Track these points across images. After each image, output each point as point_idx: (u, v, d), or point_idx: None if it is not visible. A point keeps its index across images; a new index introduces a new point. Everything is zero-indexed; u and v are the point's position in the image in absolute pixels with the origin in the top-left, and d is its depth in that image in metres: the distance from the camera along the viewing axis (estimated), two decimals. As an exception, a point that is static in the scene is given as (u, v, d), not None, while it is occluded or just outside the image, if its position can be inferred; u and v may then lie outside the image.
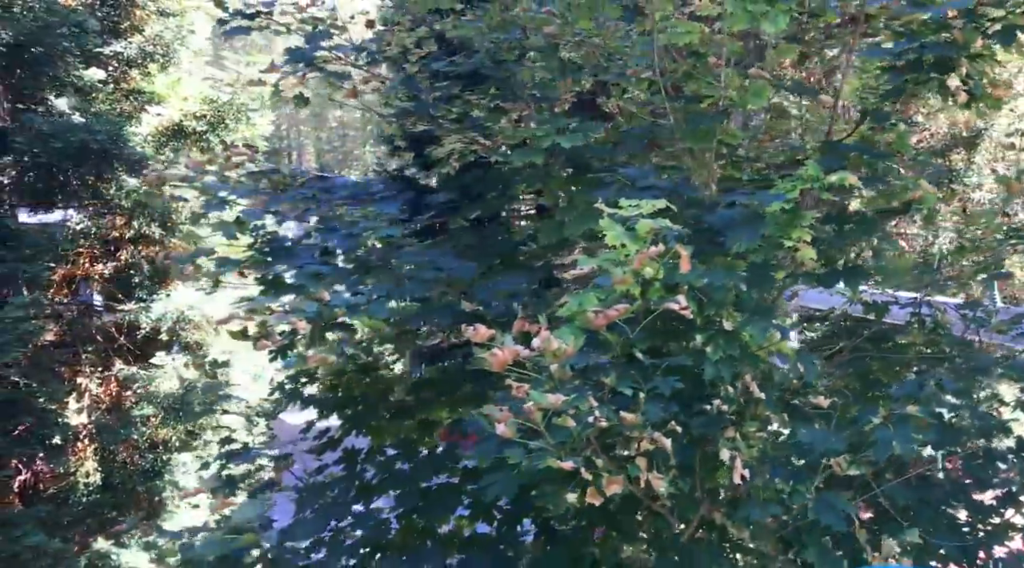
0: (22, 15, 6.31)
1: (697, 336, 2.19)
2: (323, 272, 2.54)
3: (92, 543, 7.27)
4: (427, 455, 2.94)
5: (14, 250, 6.54)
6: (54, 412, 7.12)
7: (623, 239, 2.04)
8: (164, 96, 7.68)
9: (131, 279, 7.63)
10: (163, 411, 7.46)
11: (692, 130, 2.54)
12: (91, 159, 6.60)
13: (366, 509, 2.97)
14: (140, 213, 7.34)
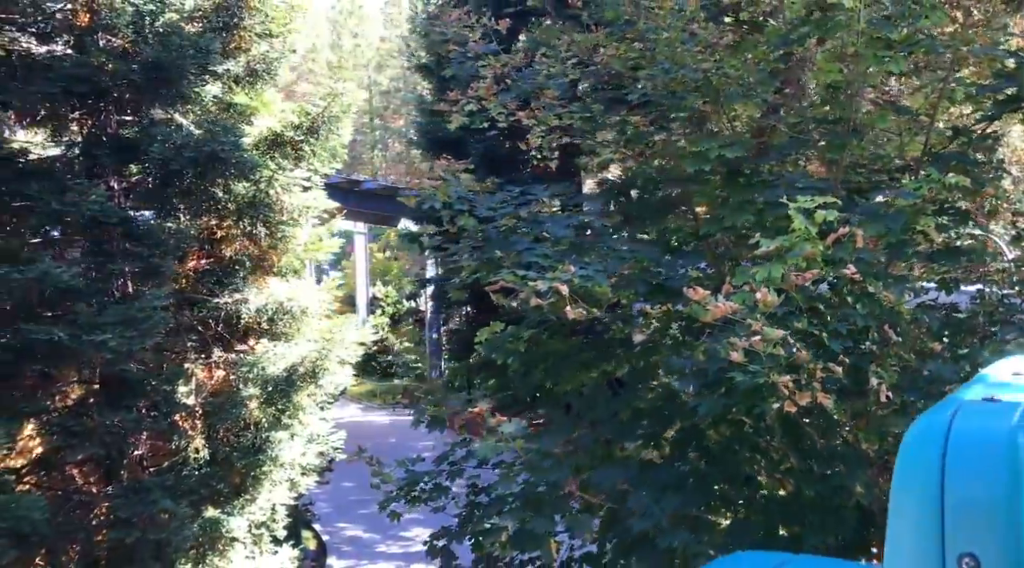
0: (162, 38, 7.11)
1: (848, 297, 3.03)
2: (548, 253, 3.36)
3: (204, 511, 8.05)
4: (606, 398, 3.77)
5: (149, 247, 7.35)
6: (168, 393, 7.92)
7: (804, 224, 2.88)
8: (266, 108, 8.49)
9: (234, 273, 8.42)
10: (265, 393, 8.25)
11: (830, 144, 3.38)
12: (216, 167, 7.40)
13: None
14: (247, 214, 8.14)
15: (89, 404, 7.23)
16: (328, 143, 8.65)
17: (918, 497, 0.95)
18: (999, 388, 1.10)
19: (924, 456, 0.96)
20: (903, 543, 0.98)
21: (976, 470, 0.92)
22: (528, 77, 4.08)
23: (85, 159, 7.61)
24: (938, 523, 0.92)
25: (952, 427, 0.96)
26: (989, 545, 0.90)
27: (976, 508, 0.91)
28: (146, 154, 7.63)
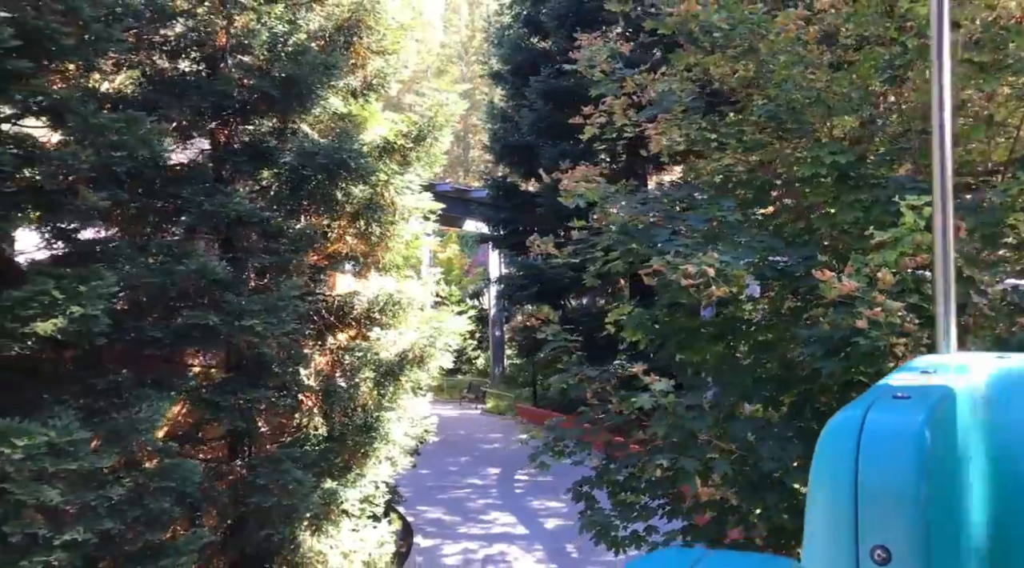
0: (294, 57, 7.98)
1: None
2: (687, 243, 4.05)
3: (323, 483, 8.90)
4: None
5: (282, 244, 8.22)
6: (294, 374, 8.79)
7: (914, 217, 3.53)
8: (373, 118, 9.33)
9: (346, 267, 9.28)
10: (378, 376, 9.08)
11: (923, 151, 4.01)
12: (341, 172, 8.25)
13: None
14: (362, 215, 8.98)
15: (231, 382, 8.11)
16: (432, 150, 9.46)
17: (833, 490, 0.97)
18: (910, 385, 1.16)
19: (838, 450, 0.98)
20: (819, 535, 1.00)
21: (887, 463, 0.95)
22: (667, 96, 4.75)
23: (225, 165, 8.53)
24: (852, 515, 0.94)
25: (865, 422, 0.99)
26: (900, 536, 0.92)
27: (887, 500, 0.94)
28: (275, 160, 8.53)
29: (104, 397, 7.12)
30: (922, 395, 1.08)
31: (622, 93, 5.03)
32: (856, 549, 0.94)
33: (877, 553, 0.93)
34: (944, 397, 1.11)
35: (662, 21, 4.49)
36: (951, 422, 1.10)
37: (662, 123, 4.98)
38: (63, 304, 6.29)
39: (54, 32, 6.55)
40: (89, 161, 6.59)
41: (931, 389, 1.15)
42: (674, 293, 4.12)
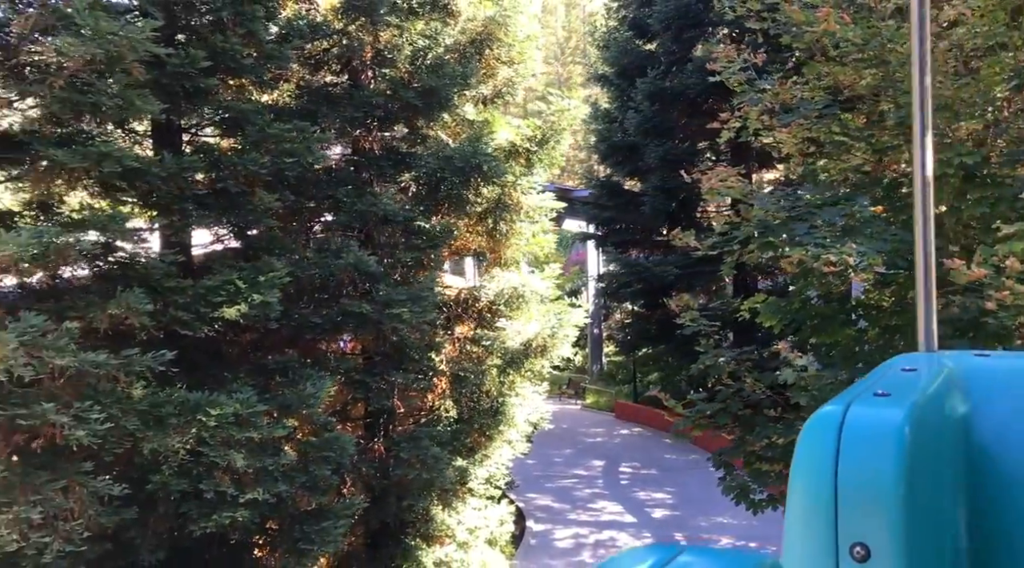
0: (434, 69, 8.73)
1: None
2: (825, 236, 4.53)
3: (454, 460, 9.64)
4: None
5: (422, 241, 9.00)
6: (430, 360, 9.56)
7: (1042, 213, 3.92)
8: (496, 123, 10.01)
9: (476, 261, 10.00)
10: (504, 363, 9.77)
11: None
12: (474, 174, 8.96)
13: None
14: (491, 214, 9.68)
15: (377, 365, 8.94)
16: (553, 152, 10.09)
17: (812, 486, 0.97)
18: (891, 384, 1.16)
19: (818, 446, 0.98)
20: (799, 531, 1.01)
21: (867, 460, 0.95)
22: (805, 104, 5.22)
23: (368, 168, 9.37)
24: (832, 512, 0.94)
25: (845, 419, 0.99)
26: (879, 534, 0.92)
27: (867, 497, 0.94)
28: (414, 164, 9.32)
29: (274, 375, 8.04)
30: (903, 393, 1.09)
31: (759, 101, 5.50)
32: (835, 546, 0.94)
33: (856, 550, 0.93)
34: (925, 395, 1.12)
35: (800, 37, 4.96)
36: (931, 420, 1.10)
37: (795, 127, 5.44)
38: (245, 292, 7.19)
39: (236, 53, 7.49)
40: (265, 166, 7.49)
41: (912, 387, 1.16)
42: (814, 281, 4.59)
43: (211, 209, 7.53)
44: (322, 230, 9.58)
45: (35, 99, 6.43)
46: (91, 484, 6.17)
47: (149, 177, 6.72)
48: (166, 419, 6.56)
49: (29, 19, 5.92)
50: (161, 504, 7.08)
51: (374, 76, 9.43)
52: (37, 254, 5.87)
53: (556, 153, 10.24)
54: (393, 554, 9.66)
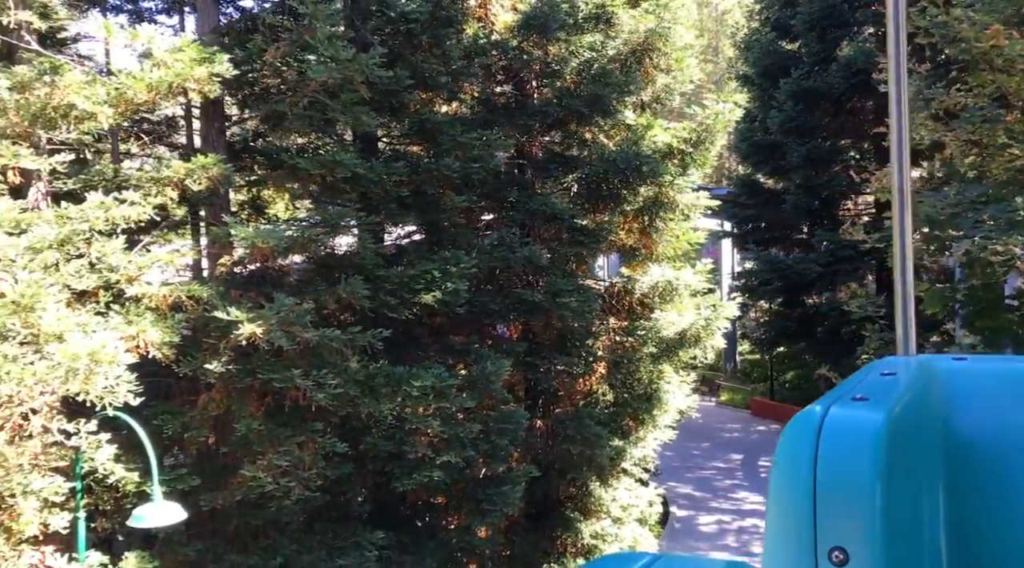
0: (599, 78, 9.52)
1: None
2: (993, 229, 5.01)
3: (611, 440, 10.38)
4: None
5: (585, 237, 9.80)
6: (590, 347, 10.36)
7: None
8: (651, 126, 10.68)
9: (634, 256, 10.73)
10: (659, 351, 10.45)
11: None
12: (633, 175, 9.69)
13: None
14: (647, 212, 10.38)
15: (544, 349, 9.83)
16: (707, 153, 10.68)
17: (791, 490, 0.98)
18: (870, 387, 1.15)
19: (797, 451, 0.98)
20: (778, 536, 1.01)
21: (845, 464, 0.95)
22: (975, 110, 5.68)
23: (534, 170, 10.27)
24: (810, 516, 0.94)
25: (824, 423, 0.99)
26: (858, 538, 0.93)
27: (845, 502, 0.94)
28: (576, 165, 10.15)
29: (457, 355, 9.05)
30: (881, 397, 1.09)
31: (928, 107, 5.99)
32: (814, 550, 0.94)
33: (835, 555, 0.93)
34: (903, 399, 1.12)
35: (968, 51, 5.44)
36: (910, 423, 1.10)
37: (960, 131, 5.90)
38: (440, 281, 8.20)
39: (432, 71, 8.53)
40: (456, 171, 8.48)
41: (890, 391, 1.16)
42: (977, 270, 5.09)
43: (409, 208, 8.61)
44: (485, 227, 10.55)
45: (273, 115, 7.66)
46: (320, 441, 7.31)
47: (364, 181, 7.83)
48: (378, 388, 7.63)
49: (280, 49, 7.11)
50: (370, 462, 8.20)
51: (539, 86, 10.31)
52: (289, 246, 7.07)
53: (709, 154, 10.81)
54: (553, 524, 10.53)
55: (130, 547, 6.91)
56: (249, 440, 6.96)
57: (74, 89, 6.16)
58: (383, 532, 7.96)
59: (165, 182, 6.98)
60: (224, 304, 6.68)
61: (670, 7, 10.10)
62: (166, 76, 6.59)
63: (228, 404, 7.01)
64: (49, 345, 5.29)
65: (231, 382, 6.91)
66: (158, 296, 6.74)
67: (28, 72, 6.19)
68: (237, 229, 6.76)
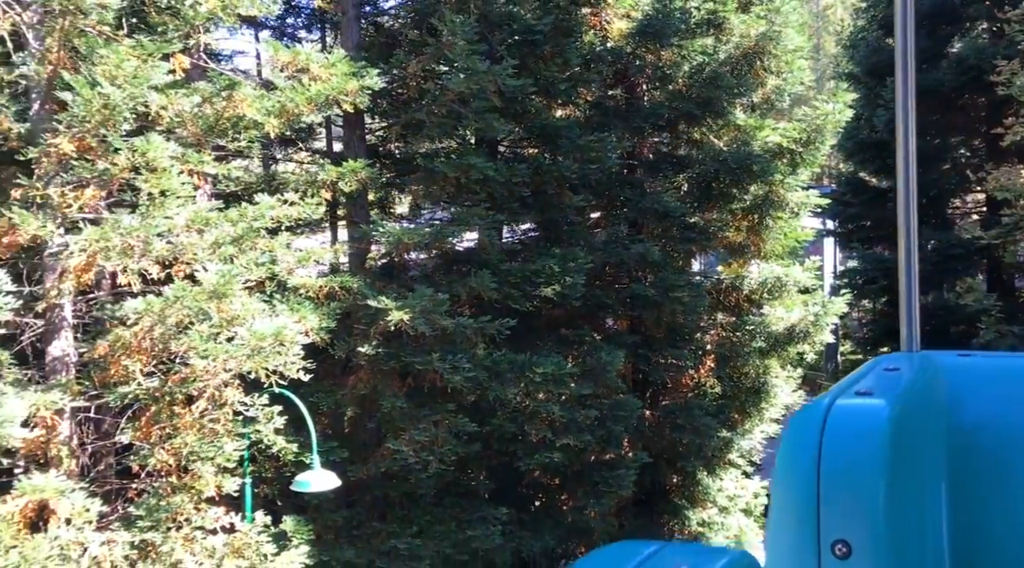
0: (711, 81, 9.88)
1: None
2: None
3: (719, 431, 10.71)
4: None
5: (695, 234, 10.18)
6: (699, 341, 10.73)
7: None
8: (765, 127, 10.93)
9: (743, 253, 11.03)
10: (768, 346, 10.72)
11: None
12: (743, 174, 10.01)
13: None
14: (756, 210, 10.67)
15: (656, 342, 10.26)
16: (816, 153, 10.88)
17: (795, 484, 0.98)
18: (874, 382, 1.15)
19: (802, 444, 0.99)
20: (781, 528, 1.02)
21: (849, 458, 0.96)
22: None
23: (648, 170, 10.71)
24: (814, 509, 0.95)
25: (828, 417, 1.00)
26: (861, 531, 0.94)
27: (849, 495, 0.95)
28: (687, 165, 10.53)
29: (572, 345, 9.58)
30: (885, 391, 1.08)
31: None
32: (817, 543, 0.94)
33: (838, 548, 0.93)
34: (906, 393, 1.11)
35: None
36: (913, 418, 1.09)
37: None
38: (558, 275, 8.74)
39: (554, 79, 9.09)
40: (574, 172, 9.01)
41: (894, 386, 1.16)
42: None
43: (530, 207, 9.19)
44: (593, 225, 11.03)
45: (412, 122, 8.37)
46: (453, 420, 7.97)
47: (491, 182, 8.44)
48: (503, 374, 8.24)
49: (420, 62, 7.81)
50: (494, 443, 8.83)
51: (649, 89, 10.74)
52: (428, 243, 7.76)
53: (819, 153, 11.01)
54: (662, 511, 10.93)
55: (287, 511, 7.71)
56: (392, 417, 7.69)
57: (247, 102, 6.97)
58: (505, 508, 8.57)
59: (319, 184, 7.77)
60: (373, 294, 7.40)
61: (781, 11, 10.36)
62: (323, 89, 7.35)
63: (374, 384, 7.75)
64: (237, 327, 6.09)
65: (377, 364, 7.64)
66: (315, 286, 7.53)
67: (208, 88, 7.04)
68: (385, 227, 7.48)
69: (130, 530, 6.05)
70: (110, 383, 6.28)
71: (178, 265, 6.42)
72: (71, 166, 5.86)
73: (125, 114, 5.76)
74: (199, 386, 6.05)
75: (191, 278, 6.29)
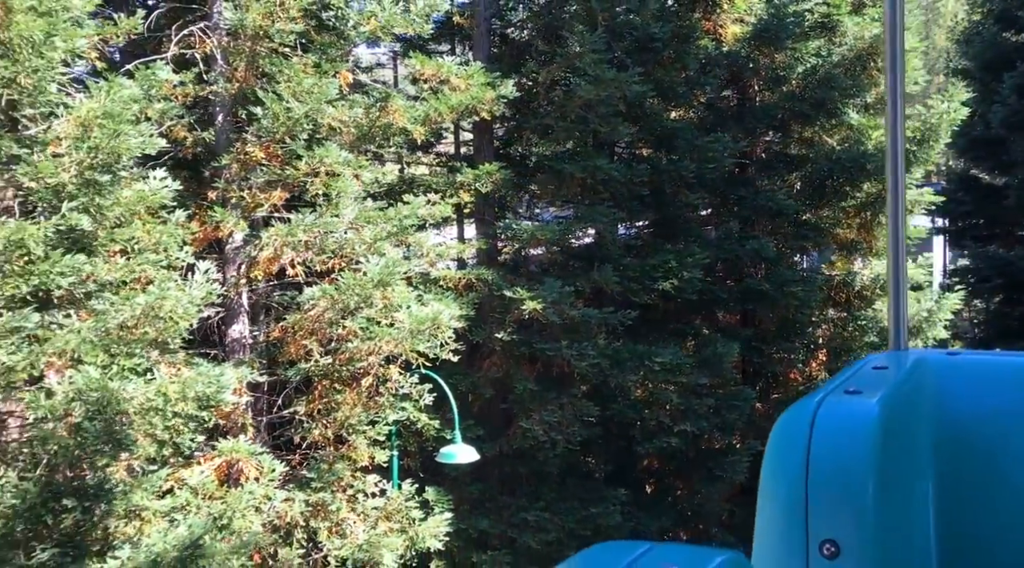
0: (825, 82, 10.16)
1: None
2: None
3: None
4: None
5: (808, 232, 10.47)
6: (811, 335, 11.00)
7: None
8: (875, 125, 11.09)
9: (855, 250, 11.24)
10: (879, 342, 10.90)
11: None
12: (857, 173, 10.24)
13: None
14: (867, 208, 10.87)
15: (770, 336, 10.61)
16: (931, 151, 10.98)
17: (784, 483, 0.99)
18: (863, 381, 1.16)
19: (790, 444, 0.99)
20: (769, 528, 1.02)
21: (837, 458, 0.96)
22: None
23: (761, 169, 11.05)
24: (802, 509, 0.95)
25: (816, 418, 0.99)
26: (849, 531, 0.93)
27: (837, 494, 0.95)
28: (800, 165, 10.81)
29: (686, 336, 10.05)
30: (874, 390, 1.08)
31: None
32: (806, 543, 0.94)
33: (826, 547, 0.92)
34: (894, 392, 1.11)
35: None
36: (901, 416, 1.09)
37: None
38: (676, 270, 9.22)
39: (673, 83, 9.56)
40: (692, 172, 9.47)
41: (882, 384, 1.15)
42: None
43: (648, 206, 9.70)
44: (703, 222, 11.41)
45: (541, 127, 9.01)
46: (578, 404, 8.57)
47: (614, 182, 9.00)
48: (623, 362, 8.77)
49: (551, 72, 8.43)
50: (614, 428, 9.38)
51: (760, 90, 11.06)
52: (558, 239, 8.38)
53: (933, 152, 11.10)
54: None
55: (428, 483, 8.47)
56: (523, 399, 8.34)
57: (399, 112, 7.74)
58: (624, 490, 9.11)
59: (457, 186, 8.50)
60: (507, 285, 8.08)
61: (897, 12, 10.51)
62: (464, 99, 8.06)
63: (507, 368, 8.42)
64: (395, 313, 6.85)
65: (510, 350, 8.31)
66: (454, 278, 8.26)
67: (364, 99, 7.85)
68: (519, 224, 8.14)
69: (304, 490, 6.88)
70: (285, 362, 7.16)
71: (337, 258, 7.24)
72: (259, 170, 6.73)
73: (304, 125, 6.58)
74: (363, 365, 6.83)
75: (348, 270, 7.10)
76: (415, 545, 7.54)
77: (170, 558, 5.15)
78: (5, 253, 4.97)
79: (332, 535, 6.93)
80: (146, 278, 5.78)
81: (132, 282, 5.73)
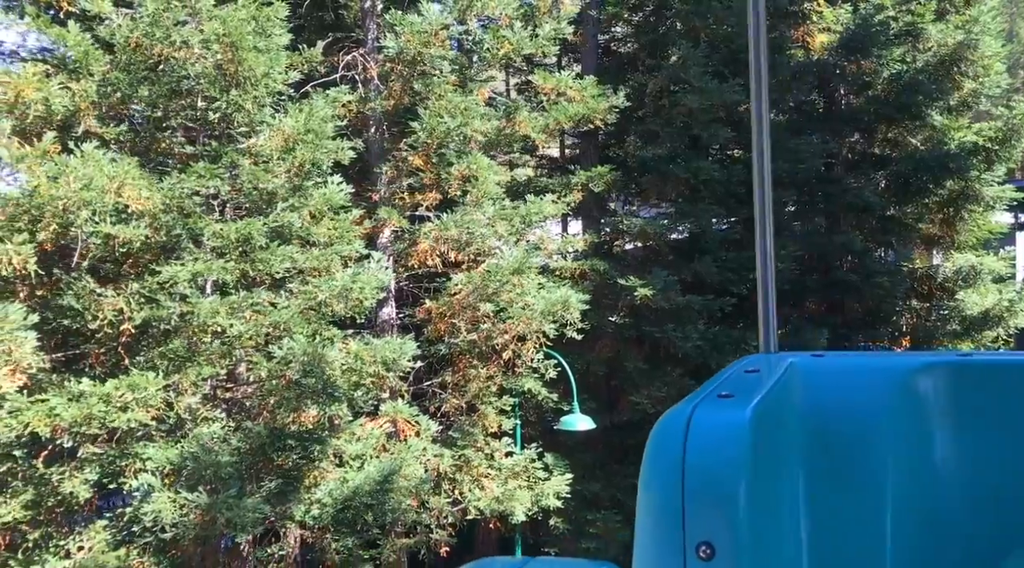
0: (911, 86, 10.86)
1: None
2: None
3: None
4: None
5: (892, 227, 11.19)
6: (890, 323, 11.70)
7: None
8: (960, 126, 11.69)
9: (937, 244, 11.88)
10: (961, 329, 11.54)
11: None
12: (941, 172, 10.91)
13: None
14: (950, 204, 11.52)
15: (854, 325, 11.37)
16: (1013, 150, 11.55)
17: (660, 488, 1.00)
18: (734, 385, 1.20)
19: (666, 448, 1.01)
20: (648, 532, 1.03)
21: (711, 461, 0.98)
22: None
23: (847, 168, 11.80)
24: (679, 512, 0.96)
25: (691, 421, 1.01)
26: (724, 532, 0.95)
27: (712, 498, 0.97)
28: (885, 163, 11.52)
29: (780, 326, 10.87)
30: (745, 394, 1.11)
31: None
32: (683, 545, 0.96)
33: (702, 549, 0.94)
34: (766, 395, 1.14)
35: None
36: (773, 418, 1.13)
37: None
38: (769, 262, 10.08)
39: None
40: (785, 171, 10.31)
41: (754, 388, 1.19)
42: None
43: (743, 203, 10.58)
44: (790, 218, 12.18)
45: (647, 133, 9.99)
46: (680, 382, 9.53)
47: (714, 182, 9.92)
48: (723, 346, 9.69)
49: (657, 82, 9.41)
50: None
51: (846, 94, 11.80)
52: (664, 233, 9.35)
53: (1015, 151, 11.66)
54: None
55: (547, 449, 9.56)
56: (632, 376, 9.35)
57: (526, 123, 8.84)
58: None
59: (573, 186, 9.56)
60: (619, 274, 9.10)
61: (980, 20, 11.14)
62: (580, 109, 9.11)
63: (617, 349, 9.45)
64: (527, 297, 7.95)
65: (621, 332, 9.33)
66: (571, 268, 9.33)
67: (495, 112, 8.97)
68: (629, 220, 9.15)
69: (451, 449, 8.05)
70: (427, 339, 8.34)
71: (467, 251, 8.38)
72: (415, 174, 7.92)
73: (455, 137, 7.73)
74: (500, 341, 7.95)
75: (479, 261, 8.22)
76: (539, 501, 8.63)
77: (364, 492, 6.36)
78: (238, 243, 6.25)
79: (474, 487, 8.07)
80: (329, 266, 7.01)
81: (321, 270, 6.97)
